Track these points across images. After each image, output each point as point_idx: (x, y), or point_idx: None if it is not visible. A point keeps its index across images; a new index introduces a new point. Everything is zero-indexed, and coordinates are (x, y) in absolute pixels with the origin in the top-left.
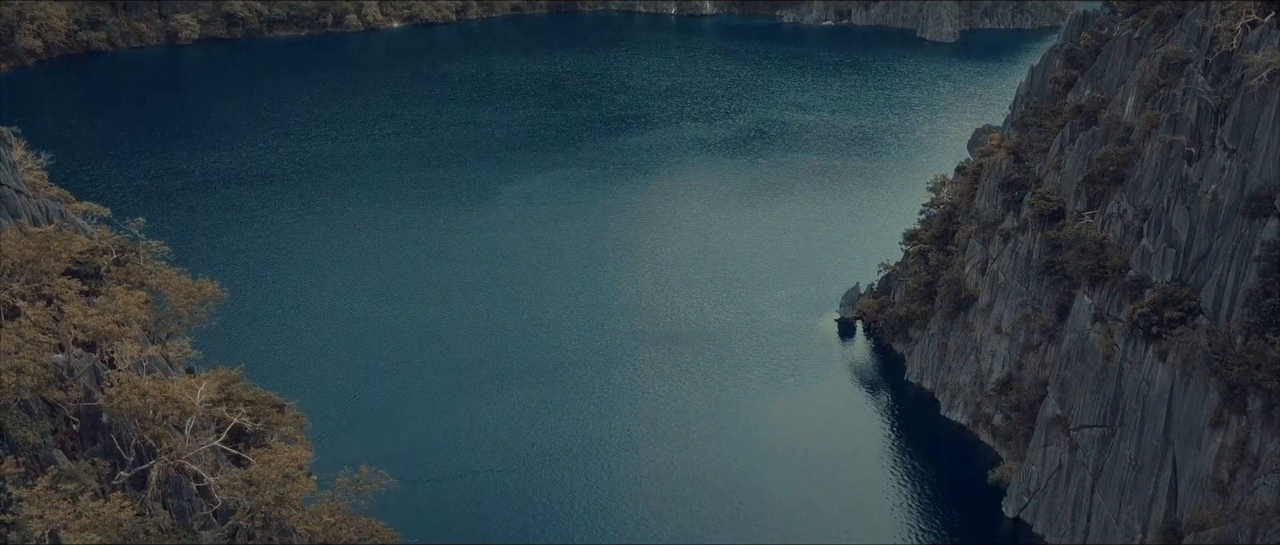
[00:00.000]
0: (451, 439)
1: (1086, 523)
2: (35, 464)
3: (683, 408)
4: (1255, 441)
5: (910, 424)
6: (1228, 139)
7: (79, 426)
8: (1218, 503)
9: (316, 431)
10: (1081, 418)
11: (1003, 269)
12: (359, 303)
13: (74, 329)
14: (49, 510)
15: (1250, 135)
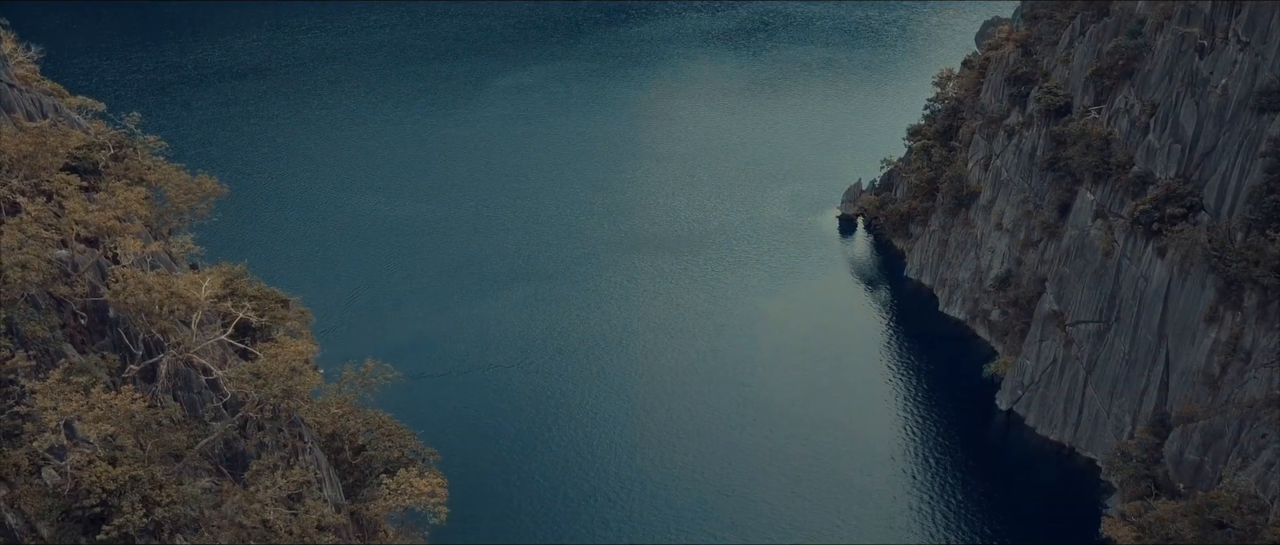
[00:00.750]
0: (453, 335)
1: (1078, 415)
2: (45, 357)
3: (681, 305)
4: (1249, 336)
5: (908, 320)
6: (1242, 31)
7: (87, 321)
8: (1207, 396)
9: (321, 326)
10: (1078, 313)
11: (1006, 165)
12: (358, 198)
13: (76, 225)
14: (62, 402)
15: (1265, 27)
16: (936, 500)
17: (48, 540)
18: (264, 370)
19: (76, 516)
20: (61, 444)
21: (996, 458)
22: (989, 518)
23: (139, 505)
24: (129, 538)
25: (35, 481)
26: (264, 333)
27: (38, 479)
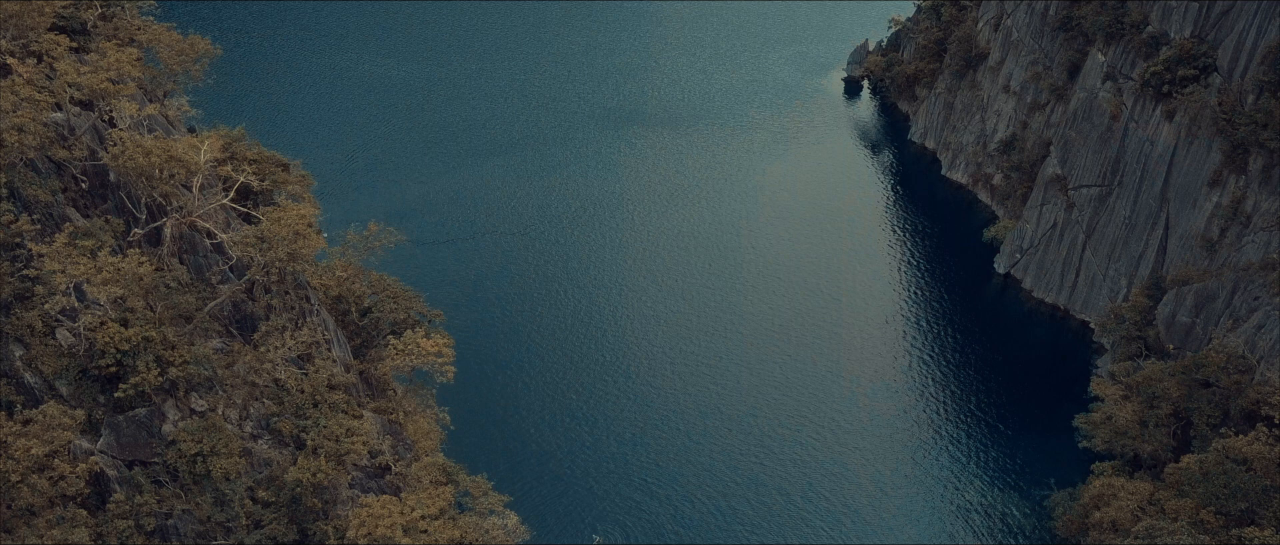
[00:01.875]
0: (455, 200)
1: (1074, 279)
2: (50, 221)
3: (683, 170)
4: (1251, 200)
5: (910, 183)
6: None
7: (88, 185)
8: (1204, 260)
9: (321, 189)
10: (1081, 177)
11: (1017, 25)
12: (356, 60)
13: (69, 87)
14: (70, 265)
15: None
16: (931, 360)
17: (66, 398)
18: (268, 234)
19: (93, 376)
20: (72, 306)
21: (992, 319)
22: (982, 376)
23: (153, 365)
24: (145, 396)
25: (50, 342)
26: (266, 197)
27: (52, 340)
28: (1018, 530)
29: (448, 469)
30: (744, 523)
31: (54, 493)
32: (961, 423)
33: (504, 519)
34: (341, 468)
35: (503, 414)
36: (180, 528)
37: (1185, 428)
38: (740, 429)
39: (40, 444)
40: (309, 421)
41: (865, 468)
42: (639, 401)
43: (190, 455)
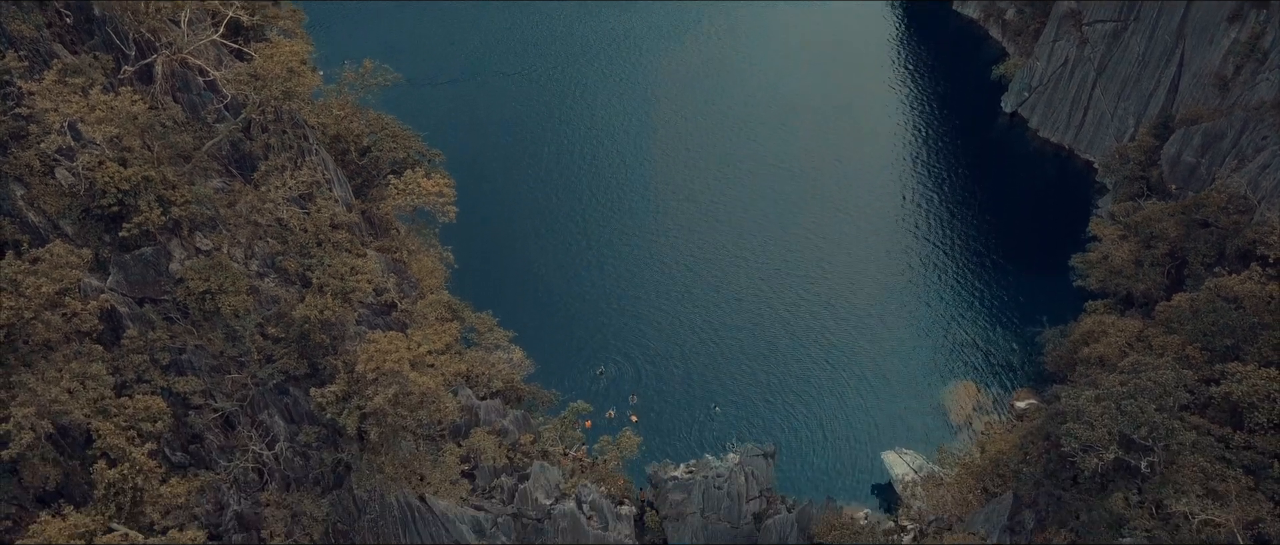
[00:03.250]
0: (451, 39)
1: (1082, 118)
2: (37, 58)
3: (687, 8)
4: (1269, 36)
5: (920, 17)
6: None
7: (72, 20)
8: (1216, 99)
9: (312, 26)
10: (1096, 11)
11: None
12: None
13: None
14: (62, 103)
15: None
16: (932, 199)
17: (72, 237)
18: (261, 71)
19: (96, 215)
20: (69, 145)
21: (995, 159)
22: (982, 216)
23: (155, 204)
24: (150, 235)
25: (49, 182)
26: (257, 32)
27: (52, 180)
28: (1008, 366)
29: (452, 306)
30: (743, 354)
31: (68, 329)
32: (959, 261)
33: (509, 353)
34: (348, 305)
35: (505, 253)
36: (194, 362)
37: (1180, 267)
38: (740, 263)
39: (50, 282)
40: (314, 260)
41: (862, 303)
42: (640, 237)
43: (199, 293)
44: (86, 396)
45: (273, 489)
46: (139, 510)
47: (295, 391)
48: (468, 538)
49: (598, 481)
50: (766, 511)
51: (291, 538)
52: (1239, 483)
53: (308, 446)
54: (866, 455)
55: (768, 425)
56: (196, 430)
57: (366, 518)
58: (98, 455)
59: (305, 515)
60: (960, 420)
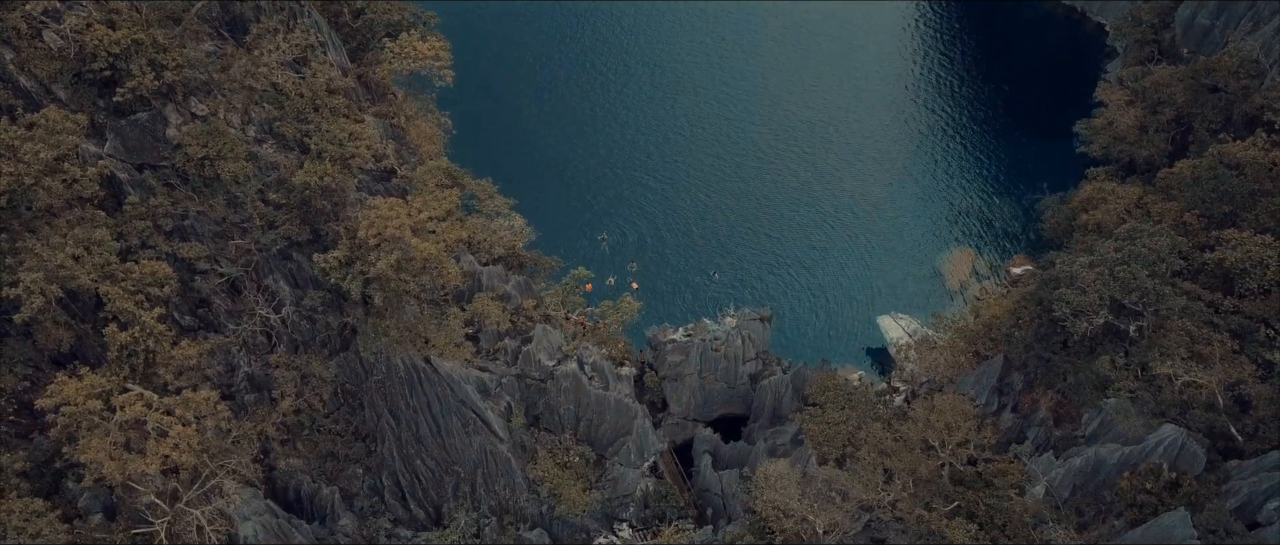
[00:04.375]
0: None
1: None
2: None
3: None
4: None
5: None
6: None
7: None
8: None
9: None
10: None
11: None
12: None
13: None
14: None
15: None
16: (937, 63)
17: (66, 101)
18: None
19: (89, 79)
20: (55, 6)
21: (1006, 21)
22: (988, 81)
23: (148, 68)
24: (145, 100)
25: (38, 45)
26: None
27: (40, 42)
28: (1006, 233)
29: (452, 172)
30: (743, 221)
31: (69, 195)
32: (963, 129)
33: (510, 220)
34: (347, 171)
35: (504, 119)
36: (197, 228)
37: (1185, 134)
38: (741, 131)
39: (47, 147)
40: (311, 126)
41: (863, 171)
42: (642, 104)
43: (197, 159)
44: (92, 262)
45: (281, 351)
46: (152, 371)
47: (298, 257)
48: (473, 398)
49: (599, 344)
50: (762, 373)
51: (301, 398)
52: (1224, 346)
53: (313, 310)
54: (862, 320)
55: (766, 290)
56: (203, 295)
57: (374, 379)
58: (108, 319)
59: (314, 376)
60: (956, 286)
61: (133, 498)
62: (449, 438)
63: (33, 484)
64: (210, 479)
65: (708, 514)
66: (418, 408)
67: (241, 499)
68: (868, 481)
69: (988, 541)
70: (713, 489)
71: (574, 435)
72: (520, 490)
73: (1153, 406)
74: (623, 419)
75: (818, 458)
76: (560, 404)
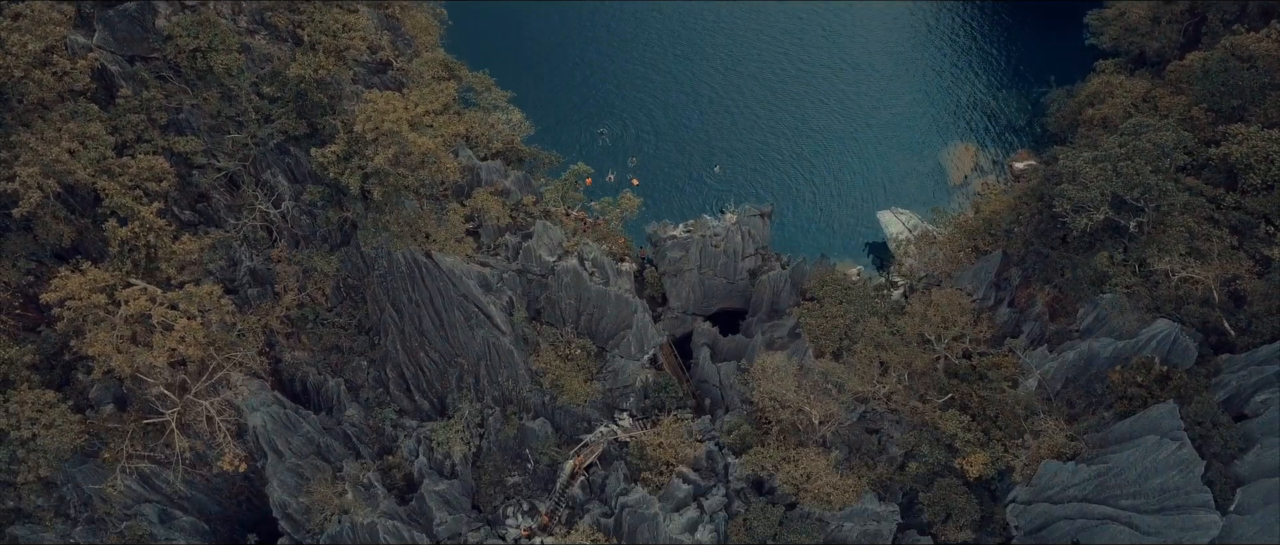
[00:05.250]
0: None
1: None
2: None
3: None
4: None
5: None
6: None
7: None
8: None
9: None
10: None
11: None
12: None
13: None
14: None
15: None
16: None
17: None
18: None
19: None
20: None
21: None
22: None
23: None
24: None
25: None
26: None
27: None
28: (1010, 127)
29: (449, 65)
30: (743, 116)
31: (61, 88)
32: (969, 20)
33: (508, 114)
34: (342, 63)
35: (501, 9)
36: (192, 122)
37: (1198, 25)
38: (742, 23)
39: (35, 39)
40: (303, 16)
41: (866, 63)
42: None
43: (189, 50)
44: (88, 157)
45: (282, 246)
46: (155, 266)
47: (296, 151)
48: (475, 292)
49: (599, 240)
50: (761, 268)
51: (304, 292)
52: (1223, 242)
53: (313, 205)
54: (862, 215)
55: (767, 185)
56: (202, 189)
57: (375, 273)
58: (108, 214)
59: (316, 271)
60: (958, 181)
61: (142, 389)
62: (452, 331)
63: (43, 376)
64: (217, 371)
65: (706, 404)
66: (420, 302)
67: (249, 391)
68: (863, 374)
69: (979, 432)
70: (711, 380)
71: (575, 329)
72: (523, 381)
73: (1148, 302)
74: (623, 313)
75: (815, 351)
76: (561, 299)
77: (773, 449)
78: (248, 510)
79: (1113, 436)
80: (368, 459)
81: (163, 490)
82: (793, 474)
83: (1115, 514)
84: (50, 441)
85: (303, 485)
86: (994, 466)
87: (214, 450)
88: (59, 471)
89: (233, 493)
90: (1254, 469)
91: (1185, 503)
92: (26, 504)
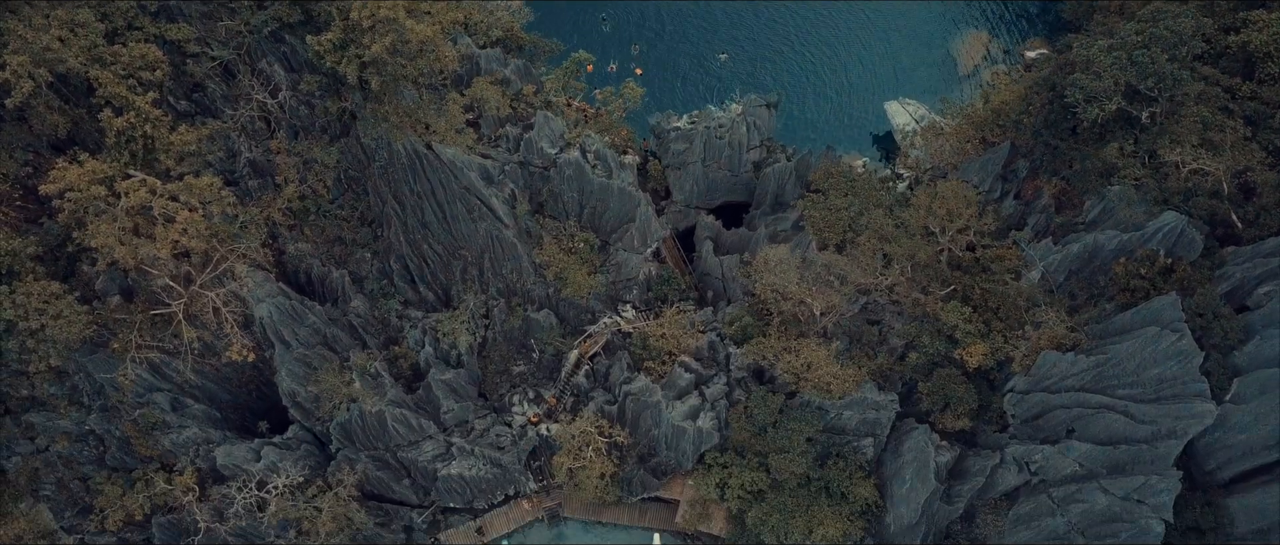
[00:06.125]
0: None
1: None
2: None
3: None
4: None
5: None
6: None
7: None
8: None
9: None
10: None
11: None
12: None
13: None
14: None
15: None
16: None
17: None
18: None
19: None
20: None
21: None
22: None
23: None
24: None
25: None
26: None
27: None
28: (1023, 14)
29: None
30: (749, 3)
31: None
32: None
33: (507, 0)
34: None
35: None
36: (183, 9)
37: None
38: None
39: None
40: None
41: None
42: None
43: None
44: (79, 45)
45: (281, 136)
46: (153, 157)
47: (291, 39)
48: (477, 184)
49: (601, 131)
50: (766, 160)
51: (305, 183)
52: (1236, 133)
53: (310, 95)
54: (869, 106)
55: (773, 74)
56: (196, 79)
57: (376, 165)
58: (102, 104)
59: (316, 162)
60: (968, 70)
61: (147, 280)
62: (454, 223)
63: (48, 268)
64: (221, 263)
65: (708, 296)
66: (422, 194)
67: (253, 282)
68: (866, 266)
69: (980, 323)
70: (713, 273)
71: (578, 222)
72: (526, 274)
73: (1156, 194)
74: (626, 206)
75: (818, 243)
76: (564, 191)
77: (774, 339)
78: (258, 399)
79: (1113, 328)
80: (374, 349)
81: (173, 379)
82: (793, 364)
83: (1111, 403)
84: (58, 332)
85: (311, 375)
86: (993, 357)
87: (222, 341)
88: (70, 361)
89: (242, 382)
90: (1252, 360)
91: (1181, 392)
92: (40, 393)
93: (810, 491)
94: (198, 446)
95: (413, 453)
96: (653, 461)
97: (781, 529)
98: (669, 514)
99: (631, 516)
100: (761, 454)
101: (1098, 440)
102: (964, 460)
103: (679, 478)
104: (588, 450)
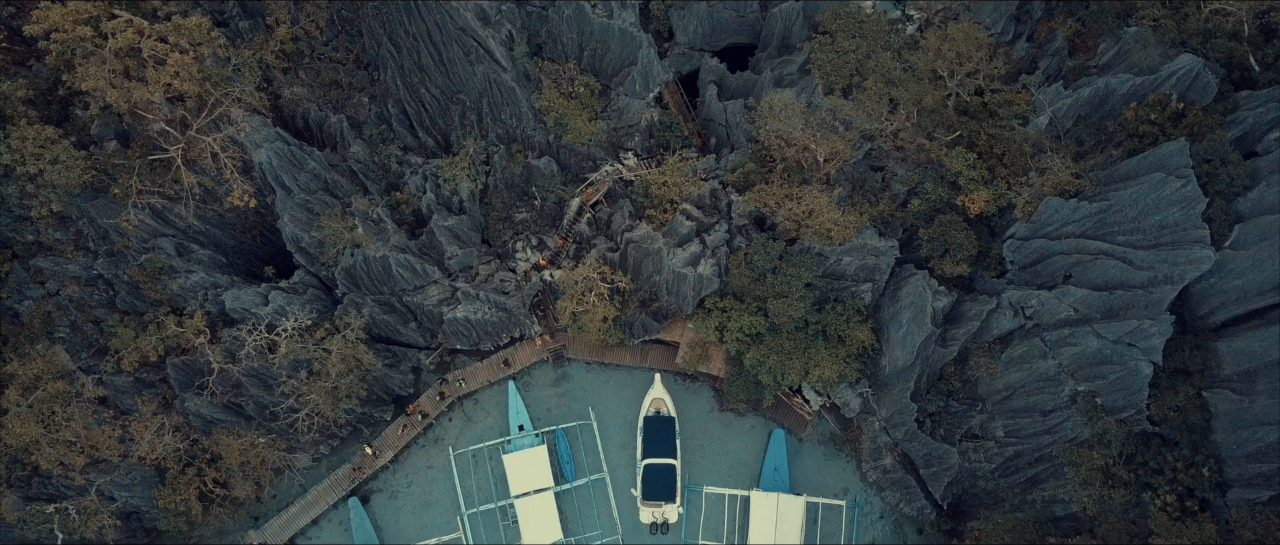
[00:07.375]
0: None
1: None
2: None
3: None
4: None
5: None
6: None
7: None
8: None
9: None
10: None
11: None
12: None
13: None
14: None
15: None
16: None
17: None
18: None
19: None
20: None
21: None
22: None
23: None
24: None
25: None
26: None
27: None
28: None
29: None
30: None
31: None
32: None
33: None
34: None
35: None
36: None
37: None
38: None
39: None
40: None
41: None
42: None
43: None
44: None
45: None
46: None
47: None
48: (473, 25)
49: None
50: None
51: (298, 25)
52: None
53: None
54: None
55: None
56: None
57: (370, 4)
58: None
59: (308, 2)
60: None
61: (143, 125)
62: (452, 66)
63: (41, 112)
64: (216, 107)
65: (711, 143)
66: (417, 35)
67: (251, 126)
68: (872, 111)
69: (984, 169)
70: (717, 119)
71: (578, 65)
72: (526, 119)
73: (1174, 36)
74: (627, 49)
75: (824, 87)
76: (563, 33)
77: (776, 186)
78: (263, 244)
79: (1118, 174)
80: (375, 195)
81: (176, 225)
82: (794, 210)
83: (1110, 249)
84: (57, 177)
85: (313, 220)
86: (996, 204)
87: (222, 187)
88: (72, 207)
89: (246, 227)
90: (1255, 206)
91: (1181, 238)
92: (46, 238)
93: (807, 334)
94: (206, 291)
95: (418, 297)
96: (654, 306)
97: (779, 370)
98: (670, 355)
99: (633, 357)
100: (760, 299)
101: (1094, 286)
102: (960, 305)
103: (679, 321)
104: (590, 295)
